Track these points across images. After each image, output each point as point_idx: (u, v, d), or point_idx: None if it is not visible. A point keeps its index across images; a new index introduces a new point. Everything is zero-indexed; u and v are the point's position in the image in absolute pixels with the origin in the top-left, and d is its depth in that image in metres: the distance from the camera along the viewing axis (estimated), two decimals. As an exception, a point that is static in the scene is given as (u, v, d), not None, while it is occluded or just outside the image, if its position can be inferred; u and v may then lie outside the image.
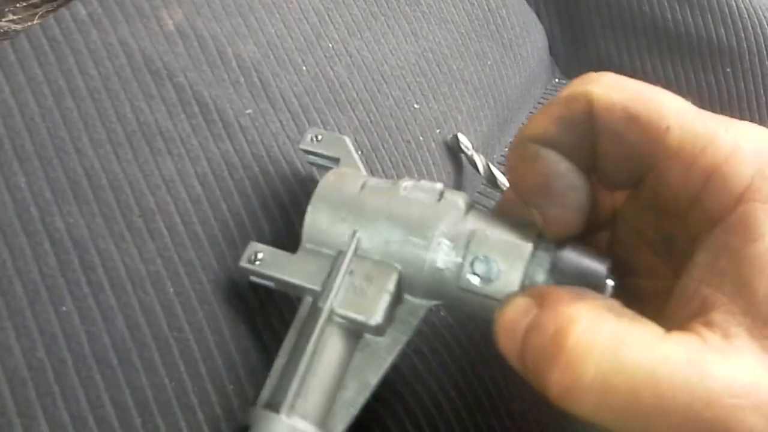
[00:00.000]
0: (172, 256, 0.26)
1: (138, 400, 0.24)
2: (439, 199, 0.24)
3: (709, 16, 0.49)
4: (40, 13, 0.72)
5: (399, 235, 0.24)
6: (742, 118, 0.49)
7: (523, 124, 0.45)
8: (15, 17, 0.69)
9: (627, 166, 0.21)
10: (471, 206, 0.24)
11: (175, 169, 0.28)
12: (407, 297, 0.24)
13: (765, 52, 0.49)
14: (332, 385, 0.23)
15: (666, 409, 0.17)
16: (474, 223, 0.23)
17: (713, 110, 0.55)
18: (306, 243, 0.25)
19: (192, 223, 0.27)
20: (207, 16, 0.31)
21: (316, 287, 0.24)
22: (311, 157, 0.29)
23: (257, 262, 0.25)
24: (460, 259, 0.23)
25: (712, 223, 0.19)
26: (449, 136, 0.37)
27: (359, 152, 0.32)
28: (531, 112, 0.47)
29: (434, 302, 0.24)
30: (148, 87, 0.29)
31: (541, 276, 0.22)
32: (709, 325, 0.18)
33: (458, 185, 0.38)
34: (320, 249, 0.24)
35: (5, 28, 0.69)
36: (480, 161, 0.36)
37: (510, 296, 0.21)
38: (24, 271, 0.24)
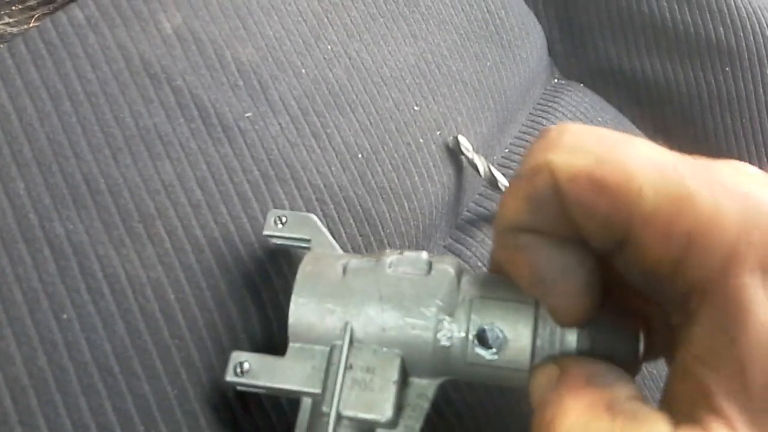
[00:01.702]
0: (173, 262, 0.26)
1: (140, 407, 0.23)
2: (429, 271, 0.23)
3: (708, 15, 0.49)
4: (37, 15, 0.71)
5: (395, 319, 0.22)
6: (740, 117, 0.49)
7: (523, 125, 0.45)
8: (11, 20, 0.69)
9: (604, 235, 0.19)
10: (461, 271, 0.23)
11: (175, 173, 0.28)
12: (413, 379, 0.23)
13: (764, 52, 0.49)
14: None
15: None
16: (470, 291, 0.23)
17: (712, 110, 0.55)
18: (294, 342, 0.23)
19: (192, 227, 0.27)
20: (205, 19, 0.31)
21: (316, 390, 0.22)
22: (278, 241, 0.27)
23: (245, 374, 0.23)
24: (463, 334, 0.22)
25: (700, 291, 0.18)
26: (450, 138, 0.37)
27: (359, 156, 0.32)
28: (531, 113, 0.47)
29: (442, 379, 0.23)
30: (147, 91, 0.29)
31: (571, 335, 0.22)
32: (715, 412, 0.17)
33: (459, 187, 0.38)
34: (310, 346, 0.23)
35: (1, 32, 0.69)
36: (481, 163, 0.36)
37: (542, 363, 0.21)
38: (24, 279, 0.24)
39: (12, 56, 0.27)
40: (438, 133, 0.37)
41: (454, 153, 0.37)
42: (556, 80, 0.51)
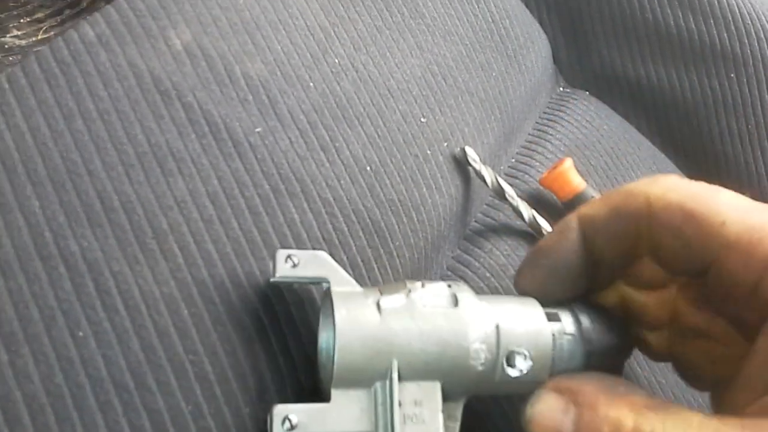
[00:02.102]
0: (185, 277, 0.26)
1: (155, 423, 0.24)
2: (456, 302, 0.25)
3: (712, 21, 0.50)
4: (44, 28, 0.72)
5: (437, 353, 0.24)
6: (746, 122, 0.50)
7: (529, 134, 0.46)
8: (19, 33, 0.70)
9: (687, 256, 0.23)
10: (475, 295, 0.25)
11: (187, 189, 0.28)
12: (445, 402, 0.24)
13: (768, 57, 0.49)
14: None
15: None
16: (493, 317, 0.25)
17: (718, 116, 0.55)
18: (336, 386, 0.23)
19: (204, 242, 0.27)
20: (214, 35, 0.32)
21: (369, 430, 0.23)
22: (292, 281, 0.26)
23: (294, 428, 0.23)
24: (494, 357, 0.24)
25: None
26: (457, 149, 0.37)
27: (368, 168, 0.32)
28: (537, 122, 0.47)
29: (467, 397, 0.25)
30: (158, 108, 0.29)
31: (578, 359, 0.25)
32: (765, 408, 0.19)
33: (467, 198, 0.38)
34: (354, 388, 0.24)
35: (10, 44, 0.69)
36: (488, 174, 0.37)
37: (537, 392, 0.24)
38: (40, 296, 0.24)
39: (25, 75, 0.28)
40: (445, 144, 0.37)
41: (461, 164, 0.37)
42: (561, 88, 0.52)
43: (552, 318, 0.25)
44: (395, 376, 0.23)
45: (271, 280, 0.26)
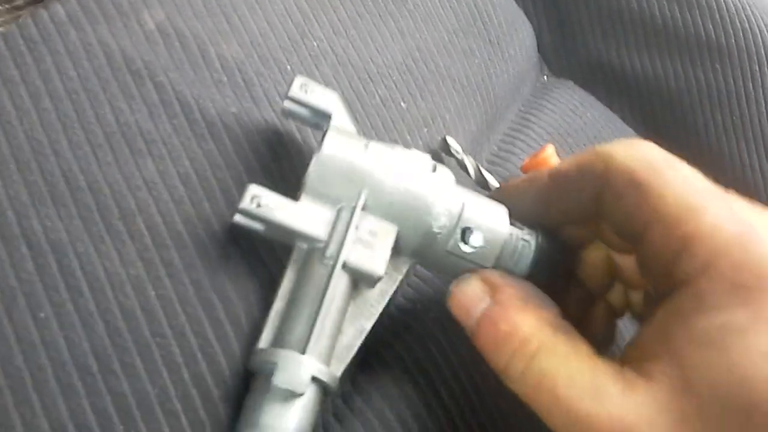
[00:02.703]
0: (153, 258, 0.26)
1: (120, 407, 0.23)
2: (434, 170, 0.27)
3: (697, 11, 0.49)
4: (24, 15, 0.71)
5: (404, 199, 0.26)
6: (731, 113, 0.49)
7: (512, 121, 0.45)
8: (-2, 19, 0.68)
9: (625, 223, 0.23)
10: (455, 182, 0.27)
11: (156, 170, 0.27)
12: (395, 254, 0.26)
13: (753, 48, 0.49)
14: (337, 330, 0.25)
15: (561, 415, 0.21)
16: (462, 194, 0.26)
17: (702, 106, 0.55)
18: (307, 194, 0.25)
19: (174, 223, 0.27)
20: (188, 15, 0.31)
21: (322, 237, 0.25)
22: (296, 108, 0.28)
23: (261, 207, 0.25)
24: (451, 225, 0.26)
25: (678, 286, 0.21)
26: (438, 139, 0.36)
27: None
28: (520, 110, 0.46)
29: (414, 261, 0.27)
30: (128, 87, 0.28)
31: (524, 267, 0.26)
32: (639, 371, 0.21)
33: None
34: (321, 202, 0.25)
35: (-12, 32, 0.68)
36: (470, 164, 0.36)
37: (467, 275, 0.25)
38: (1, 277, 0.23)
39: (-9, 53, 0.27)
40: (425, 130, 0.36)
41: (443, 153, 0.37)
42: (545, 77, 0.51)
43: (514, 224, 0.27)
44: (361, 202, 0.25)
45: (284, 103, 0.28)
